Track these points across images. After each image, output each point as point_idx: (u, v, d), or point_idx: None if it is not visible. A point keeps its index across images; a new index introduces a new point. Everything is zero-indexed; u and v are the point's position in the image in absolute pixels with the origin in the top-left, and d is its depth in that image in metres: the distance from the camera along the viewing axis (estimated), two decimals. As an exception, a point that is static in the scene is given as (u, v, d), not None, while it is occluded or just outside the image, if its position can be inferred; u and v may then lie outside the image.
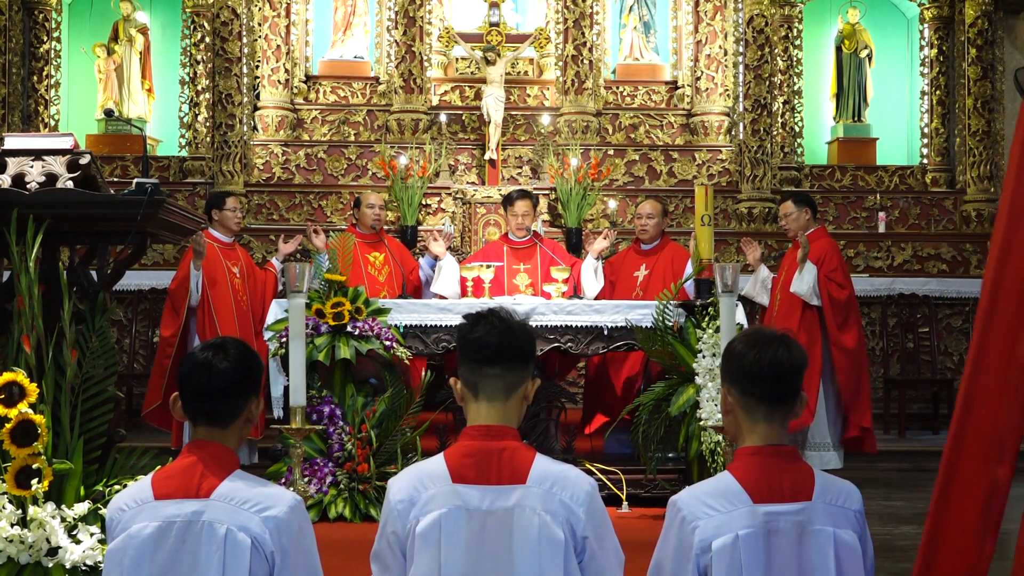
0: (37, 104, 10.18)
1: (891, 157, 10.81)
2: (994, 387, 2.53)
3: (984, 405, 2.54)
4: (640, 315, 6.32)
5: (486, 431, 2.53)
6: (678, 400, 5.91)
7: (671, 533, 2.49)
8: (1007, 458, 2.49)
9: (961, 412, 2.60)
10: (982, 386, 2.56)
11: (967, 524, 2.51)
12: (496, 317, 2.54)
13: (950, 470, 2.59)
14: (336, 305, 6.16)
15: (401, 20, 10.05)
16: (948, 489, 2.58)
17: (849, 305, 7.06)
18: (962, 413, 2.60)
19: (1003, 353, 2.53)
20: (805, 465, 2.52)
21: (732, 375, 2.52)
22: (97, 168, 4.19)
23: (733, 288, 5.10)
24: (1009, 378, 2.50)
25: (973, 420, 2.56)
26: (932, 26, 10.59)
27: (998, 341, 2.54)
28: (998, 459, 2.49)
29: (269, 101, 10.21)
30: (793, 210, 7.28)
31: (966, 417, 2.58)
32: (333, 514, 5.85)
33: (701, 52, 10.37)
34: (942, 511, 2.59)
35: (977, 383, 2.57)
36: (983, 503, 2.50)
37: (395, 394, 6.14)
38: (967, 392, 2.59)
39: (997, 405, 2.51)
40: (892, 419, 9.23)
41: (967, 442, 2.56)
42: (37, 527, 3.64)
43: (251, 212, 9.78)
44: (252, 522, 2.49)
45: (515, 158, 10.09)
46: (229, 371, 2.55)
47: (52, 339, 3.84)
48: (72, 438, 3.84)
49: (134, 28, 10.42)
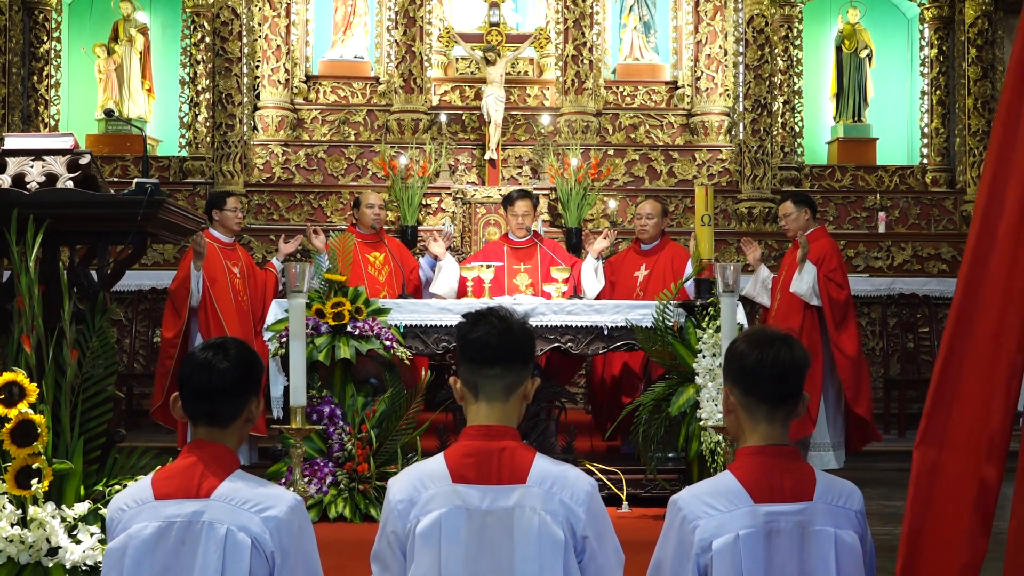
0: (37, 104, 10.18)
1: (891, 157, 10.81)
2: (980, 389, 2.51)
3: (969, 407, 2.53)
4: (640, 315, 6.32)
5: (486, 431, 2.52)
6: (678, 400, 5.91)
7: (671, 532, 2.49)
8: (995, 455, 2.48)
9: (941, 413, 2.57)
10: (966, 388, 2.54)
11: (959, 523, 2.50)
12: (496, 316, 2.54)
13: (931, 470, 2.58)
14: (336, 305, 6.16)
15: (401, 20, 10.05)
16: (932, 489, 2.57)
17: (848, 305, 7.07)
18: (943, 414, 2.57)
19: (986, 354, 2.51)
20: (806, 465, 2.52)
21: (734, 375, 2.52)
22: (97, 168, 4.19)
23: (734, 288, 5.10)
24: (995, 379, 2.49)
25: (958, 421, 2.54)
26: (932, 26, 10.59)
27: (979, 342, 2.52)
28: (986, 458, 2.48)
29: (269, 101, 10.22)
30: (793, 210, 7.28)
31: (947, 418, 2.56)
32: (333, 514, 5.85)
33: (701, 52, 10.37)
34: (925, 510, 2.58)
35: (960, 386, 2.55)
36: (973, 502, 2.49)
37: (395, 394, 6.14)
38: (946, 394, 2.56)
39: (984, 407, 2.49)
40: (892, 419, 9.23)
41: (952, 442, 2.54)
42: (37, 527, 3.64)
43: (251, 212, 9.78)
44: (252, 522, 2.49)
45: (515, 158, 10.09)
46: (229, 371, 2.55)
47: (52, 339, 3.84)
48: (72, 438, 3.84)
49: (134, 28, 10.42)
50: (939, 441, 2.55)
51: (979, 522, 2.49)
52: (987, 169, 2.57)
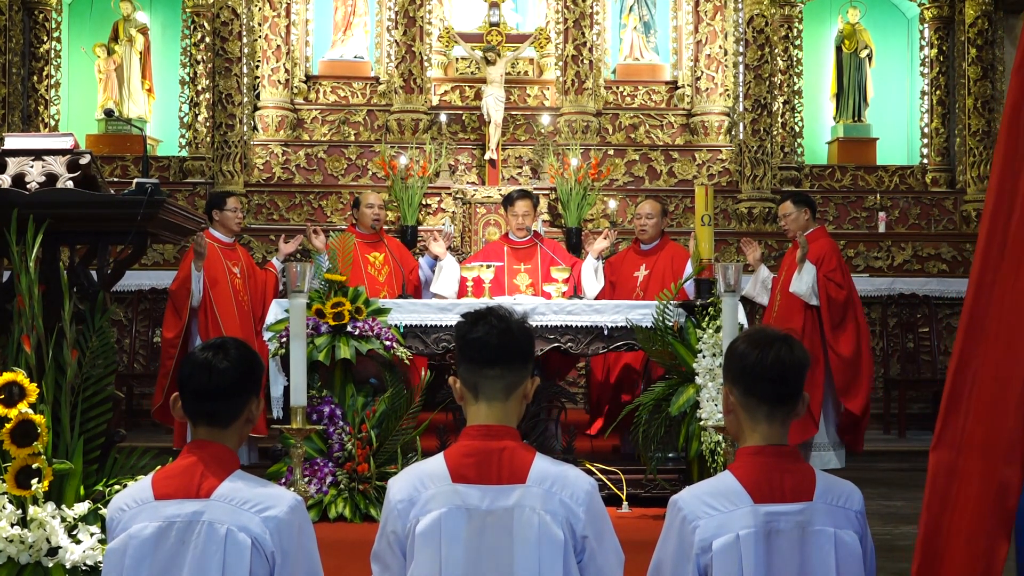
0: (37, 104, 10.18)
1: (891, 157, 10.81)
2: (996, 390, 2.51)
3: (986, 409, 2.52)
4: (640, 315, 6.32)
5: (486, 431, 2.52)
6: (678, 400, 5.90)
7: (671, 533, 2.49)
8: (1016, 459, 2.48)
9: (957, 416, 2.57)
10: (982, 391, 2.54)
11: (981, 526, 2.50)
12: (495, 317, 2.54)
13: (949, 472, 2.58)
14: (336, 305, 6.15)
15: (401, 20, 10.05)
16: (950, 491, 2.57)
17: (847, 306, 7.06)
18: (958, 417, 2.57)
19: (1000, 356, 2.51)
20: (806, 465, 2.52)
21: (734, 375, 2.52)
22: (97, 168, 4.19)
23: (736, 288, 5.10)
24: (1011, 380, 2.49)
25: (975, 423, 2.54)
26: (932, 26, 10.59)
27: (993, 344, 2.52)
28: (1006, 460, 2.48)
29: (269, 101, 10.22)
30: (792, 210, 7.28)
31: (964, 421, 2.56)
32: (333, 514, 5.85)
33: (701, 52, 10.37)
34: (943, 512, 2.57)
35: (976, 388, 2.55)
36: (994, 504, 2.49)
37: (395, 394, 6.14)
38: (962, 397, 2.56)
39: (1001, 409, 2.49)
40: (892, 419, 9.23)
41: (971, 445, 2.54)
42: (37, 527, 3.63)
43: (251, 212, 9.78)
44: (252, 522, 2.48)
45: (515, 158, 10.09)
46: (229, 371, 2.55)
47: (52, 339, 3.84)
48: (72, 438, 3.84)
49: (134, 28, 10.42)
50: (957, 444, 2.55)
51: (1000, 524, 2.49)
52: (994, 171, 2.57)
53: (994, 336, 2.53)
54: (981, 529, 2.49)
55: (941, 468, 2.59)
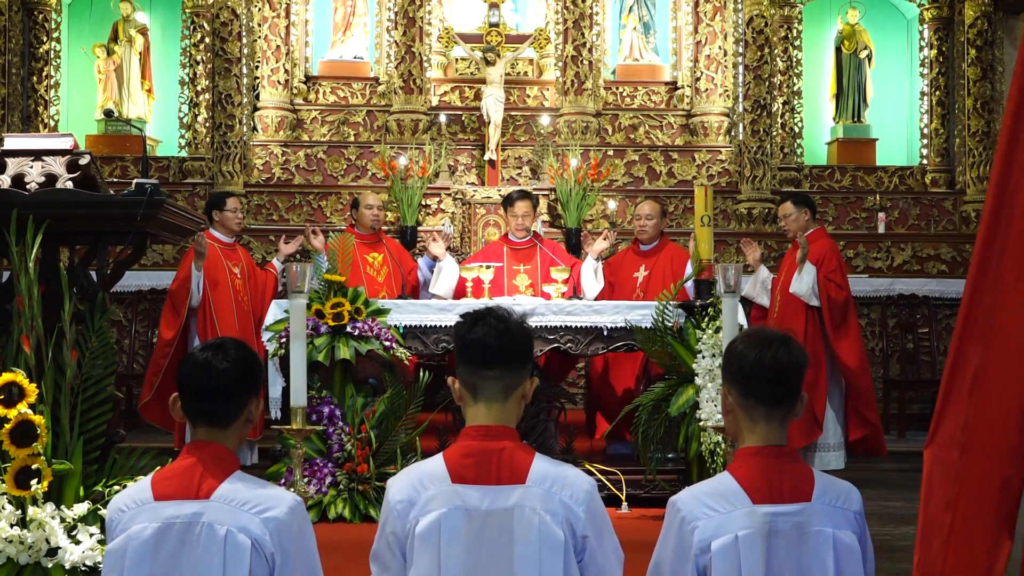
0: (37, 104, 10.18)
1: (891, 158, 10.80)
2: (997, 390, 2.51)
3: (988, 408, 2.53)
4: (640, 316, 6.32)
5: (485, 431, 2.53)
6: (678, 400, 5.91)
7: (670, 533, 2.49)
8: (1017, 456, 2.48)
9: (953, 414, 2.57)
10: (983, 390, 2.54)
11: (984, 524, 2.50)
12: (494, 317, 2.54)
13: (951, 471, 2.58)
14: (336, 306, 6.16)
15: (401, 20, 10.05)
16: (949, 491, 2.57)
17: (848, 306, 7.06)
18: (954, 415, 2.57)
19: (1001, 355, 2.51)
20: (805, 466, 2.52)
21: (732, 375, 2.52)
22: (97, 168, 4.19)
23: (736, 289, 5.10)
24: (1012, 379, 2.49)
25: (976, 422, 2.55)
26: (932, 27, 10.59)
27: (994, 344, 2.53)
28: (1008, 459, 2.48)
29: (269, 101, 10.22)
30: (792, 211, 7.28)
31: (963, 419, 2.57)
32: (333, 514, 5.85)
33: (701, 52, 10.37)
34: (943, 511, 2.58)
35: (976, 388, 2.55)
36: (996, 503, 2.49)
37: (395, 394, 6.14)
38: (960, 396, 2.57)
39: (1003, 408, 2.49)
40: (892, 420, 9.22)
41: (973, 444, 2.54)
42: (37, 527, 3.64)
43: (251, 212, 9.78)
44: (252, 523, 2.48)
45: (515, 158, 10.09)
46: (229, 371, 2.55)
47: (52, 339, 3.84)
48: (72, 438, 3.84)
49: (134, 28, 10.42)
50: (959, 444, 2.55)
51: (1003, 523, 2.49)
52: (994, 171, 2.57)
53: (996, 337, 2.53)
54: (985, 528, 2.50)
55: (936, 465, 2.59)
